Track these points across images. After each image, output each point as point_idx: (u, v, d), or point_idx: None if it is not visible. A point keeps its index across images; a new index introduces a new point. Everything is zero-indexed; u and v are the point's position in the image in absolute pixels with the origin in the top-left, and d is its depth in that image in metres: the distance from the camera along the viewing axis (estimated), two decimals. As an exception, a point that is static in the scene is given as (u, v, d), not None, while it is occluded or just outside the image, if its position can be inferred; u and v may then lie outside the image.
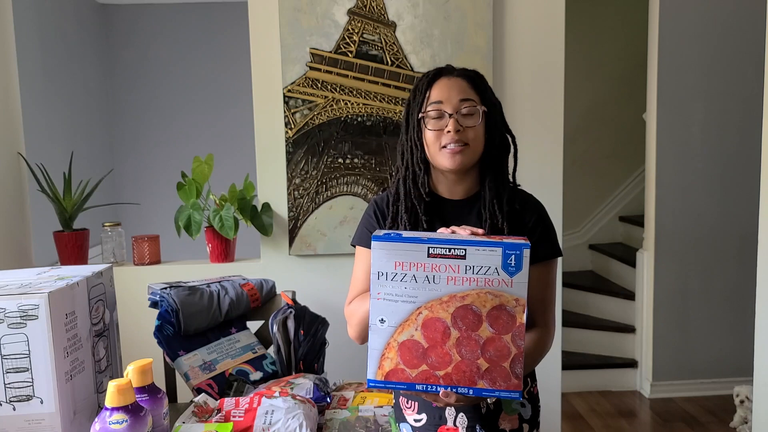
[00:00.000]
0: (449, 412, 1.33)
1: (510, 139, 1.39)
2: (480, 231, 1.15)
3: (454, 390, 1.08)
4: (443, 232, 1.17)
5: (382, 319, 1.08)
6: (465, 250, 1.06)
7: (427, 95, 1.32)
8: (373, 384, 1.10)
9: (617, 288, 3.84)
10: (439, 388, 1.08)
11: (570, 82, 2.66)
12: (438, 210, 1.36)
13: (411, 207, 1.34)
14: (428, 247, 1.06)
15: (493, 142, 1.34)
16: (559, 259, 1.39)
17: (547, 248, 1.34)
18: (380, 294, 1.08)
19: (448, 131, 1.29)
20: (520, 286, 1.06)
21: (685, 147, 3.33)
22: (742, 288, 3.26)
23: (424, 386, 1.09)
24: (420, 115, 1.32)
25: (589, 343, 3.66)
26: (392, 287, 1.07)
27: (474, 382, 1.07)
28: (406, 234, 1.11)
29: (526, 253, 1.05)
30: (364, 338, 1.31)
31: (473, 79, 1.34)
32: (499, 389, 1.07)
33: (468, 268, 1.06)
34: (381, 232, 1.10)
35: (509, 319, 1.06)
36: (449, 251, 1.06)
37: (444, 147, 1.29)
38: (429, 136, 1.31)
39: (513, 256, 1.05)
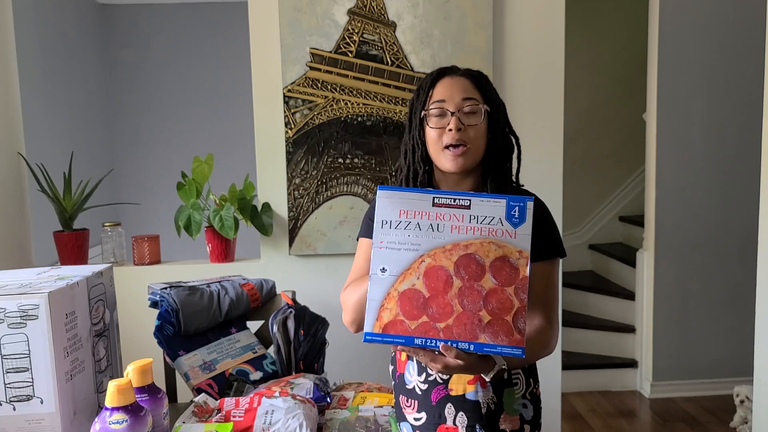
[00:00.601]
0: (449, 411, 1.33)
1: (513, 140, 1.39)
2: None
3: (454, 345, 1.06)
4: None
5: (383, 268, 1.07)
6: (470, 200, 1.07)
7: (430, 94, 1.33)
8: (370, 338, 1.07)
9: (617, 288, 3.84)
10: (438, 342, 1.06)
11: (570, 82, 2.66)
12: None
13: None
14: (433, 197, 1.08)
15: (495, 142, 1.34)
16: (561, 260, 1.39)
17: (550, 247, 1.34)
18: (383, 243, 1.08)
19: (450, 129, 1.28)
20: (524, 238, 1.06)
21: (685, 147, 3.33)
22: (742, 288, 3.26)
23: (423, 340, 1.06)
24: (422, 113, 1.33)
25: (589, 343, 3.66)
26: (395, 235, 1.07)
27: (475, 336, 1.05)
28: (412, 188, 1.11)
29: (530, 205, 1.06)
30: (359, 324, 1.28)
31: (477, 79, 1.35)
32: (500, 344, 1.05)
33: (472, 217, 1.07)
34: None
35: (512, 271, 1.06)
36: (454, 201, 1.08)
37: (446, 148, 1.29)
38: (431, 134, 1.31)
39: (517, 208, 1.07)
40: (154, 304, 1.83)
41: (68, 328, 1.23)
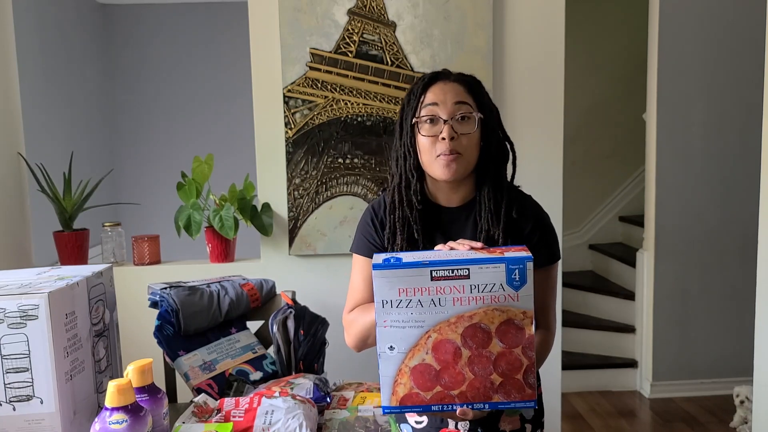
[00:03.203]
0: None
1: (508, 146, 1.36)
2: (478, 245, 1.14)
3: (470, 407, 1.08)
4: (441, 249, 1.16)
5: (391, 347, 1.08)
6: (468, 269, 1.05)
7: (421, 99, 1.29)
8: (388, 411, 1.10)
9: (617, 288, 3.84)
10: (455, 407, 1.08)
11: (570, 83, 2.66)
12: (434, 218, 1.34)
13: (405, 218, 1.32)
14: (431, 271, 1.05)
15: (489, 149, 1.32)
16: (559, 261, 1.38)
17: (545, 254, 1.32)
18: (386, 322, 1.07)
19: (443, 138, 1.25)
20: (526, 298, 1.06)
21: (685, 147, 3.33)
22: (742, 288, 3.25)
23: (440, 407, 1.09)
24: (414, 120, 1.29)
25: (589, 343, 3.66)
26: (398, 314, 1.06)
27: (489, 397, 1.08)
28: (406, 258, 1.09)
29: (530, 266, 1.05)
30: (360, 347, 1.33)
31: (470, 84, 1.31)
32: (514, 401, 1.08)
33: (473, 287, 1.05)
34: (380, 258, 1.08)
35: (518, 332, 1.06)
36: (452, 272, 1.05)
37: (438, 156, 1.26)
38: (423, 142, 1.28)
39: (517, 271, 1.05)
40: (154, 304, 1.83)
41: (68, 328, 1.23)
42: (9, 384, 1.18)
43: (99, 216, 2.65)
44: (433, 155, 1.27)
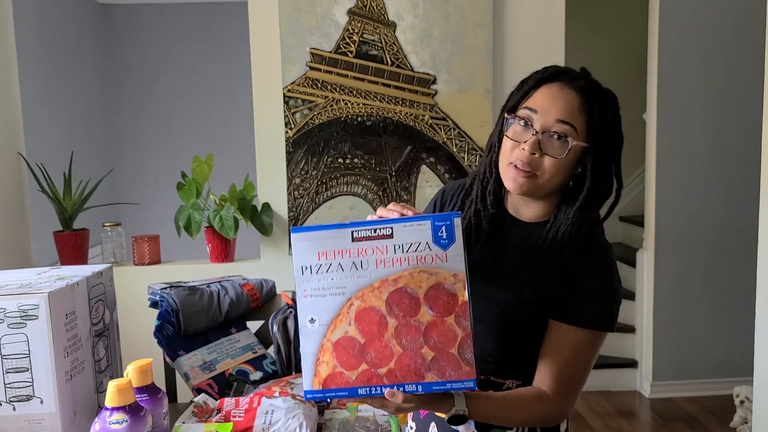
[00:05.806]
0: (433, 430, 1.25)
1: (615, 187, 1.15)
2: (410, 210, 1.04)
3: (401, 388, 0.96)
4: (372, 218, 1.06)
5: (311, 319, 0.98)
6: (391, 228, 0.97)
7: (530, 94, 1.11)
8: (311, 396, 0.98)
9: (617, 288, 3.83)
10: (384, 389, 0.96)
11: (570, 82, 2.66)
12: (498, 224, 1.18)
13: (476, 212, 1.18)
14: (351, 231, 0.98)
15: (593, 181, 1.10)
16: (602, 334, 1.20)
17: (593, 315, 1.15)
18: (306, 291, 0.98)
19: (523, 149, 1.07)
20: (456, 259, 0.96)
21: (685, 146, 3.33)
22: (742, 288, 3.25)
23: (368, 389, 0.97)
24: (506, 116, 1.12)
25: (589, 343, 3.66)
26: (318, 281, 0.98)
27: (421, 376, 0.97)
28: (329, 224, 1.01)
29: (457, 222, 0.97)
30: None
31: (591, 101, 1.10)
32: (450, 380, 0.97)
33: (397, 247, 0.97)
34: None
35: (450, 298, 0.97)
36: (374, 232, 0.97)
37: (511, 163, 1.09)
38: (505, 143, 1.11)
39: (443, 227, 0.97)
40: (154, 304, 1.83)
41: (68, 328, 1.23)
42: (9, 384, 1.18)
43: (99, 216, 2.65)
44: (508, 160, 1.10)
